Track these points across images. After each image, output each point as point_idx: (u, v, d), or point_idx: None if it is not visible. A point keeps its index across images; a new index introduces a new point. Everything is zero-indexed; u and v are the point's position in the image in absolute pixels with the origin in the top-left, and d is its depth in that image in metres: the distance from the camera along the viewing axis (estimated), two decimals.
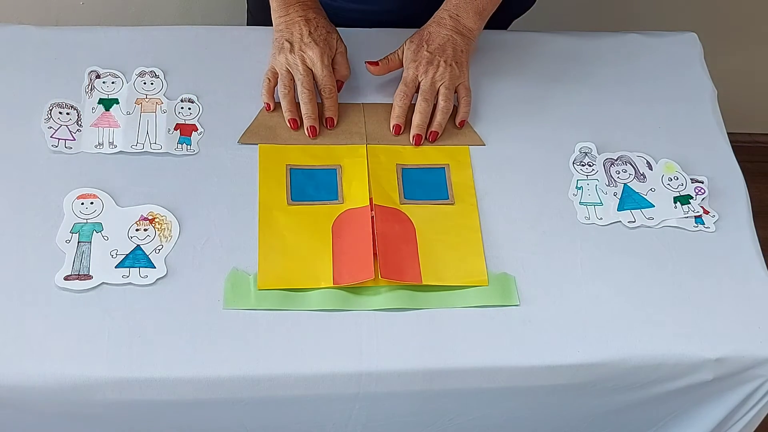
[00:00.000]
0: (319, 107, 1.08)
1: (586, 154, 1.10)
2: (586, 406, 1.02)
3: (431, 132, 1.08)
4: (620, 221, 1.04)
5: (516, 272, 0.99)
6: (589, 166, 1.09)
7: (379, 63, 1.11)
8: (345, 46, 1.11)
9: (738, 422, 1.04)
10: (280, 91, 1.07)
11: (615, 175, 1.08)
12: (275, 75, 1.08)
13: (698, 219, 1.06)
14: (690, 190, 1.07)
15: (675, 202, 1.06)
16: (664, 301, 0.99)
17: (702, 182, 1.08)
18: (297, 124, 1.07)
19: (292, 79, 1.07)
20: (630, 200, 1.06)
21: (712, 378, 0.97)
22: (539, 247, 1.02)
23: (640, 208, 1.06)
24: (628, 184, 1.07)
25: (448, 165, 1.07)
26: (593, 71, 1.18)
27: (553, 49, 1.20)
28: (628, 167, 1.08)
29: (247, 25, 1.37)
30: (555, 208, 1.05)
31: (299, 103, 1.08)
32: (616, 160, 1.09)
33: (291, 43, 1.07)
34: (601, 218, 1.05)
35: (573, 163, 1.09)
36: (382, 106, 1.11)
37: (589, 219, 1.04)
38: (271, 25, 1.12)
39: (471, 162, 1.08)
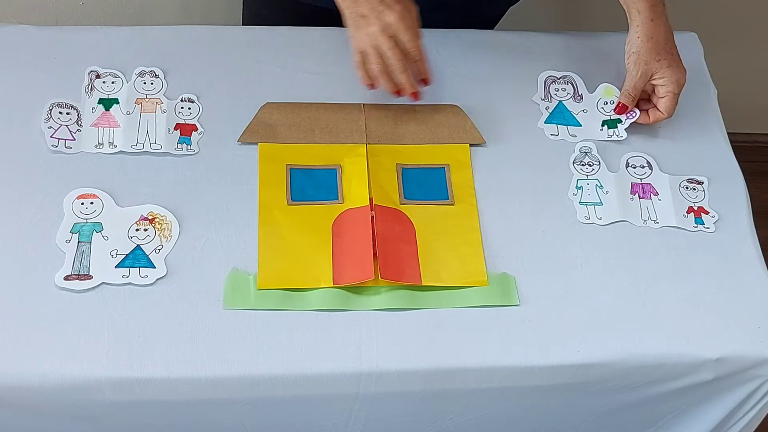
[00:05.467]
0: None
1: (586, 154, 1.10)
2: (586, 406, 1.02)
3: None
4: (627, 221, 1.04)
5: (516, 272, 0.99)
6: (589, 165, 1.09)
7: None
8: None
9: (738, 422, 1.04)
10: (373, 70, 1.03)
11: (553, 93, 1.12)
12: (364, 55, 1.03)
13: (698, 219, 1.06)
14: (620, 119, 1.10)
15: (603, 125, 1.10)
16: (663, 301, 0.99)
17: (701, 182, 1.09)
18: (399, 92, 1.05)
19: (380, 55, 1.02)
20: (559, 116, 1.11)
21: (712, 378, 0.97)
22: (539, 247, 1.02)
23: (567, 125, 1.11)
24: (563, 101, 1.11)
25: (448, 165, 1.07)
26: (593, 71, 1.18)
27: (553, 48, 1.20)
28: (568, 86, 1.12)
29: (243, 20, 1.35)
30: (555, 208, 1.05)
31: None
32: (559, 78, 1.14)
33: (365, 17, 1.00)
34: (601, 218, 1.05)
35: (573, 163, 1.09)
36: (382, 106, 1.11)
37: (589, 219, 1.04)
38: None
39: (471, 162, 1.08)
